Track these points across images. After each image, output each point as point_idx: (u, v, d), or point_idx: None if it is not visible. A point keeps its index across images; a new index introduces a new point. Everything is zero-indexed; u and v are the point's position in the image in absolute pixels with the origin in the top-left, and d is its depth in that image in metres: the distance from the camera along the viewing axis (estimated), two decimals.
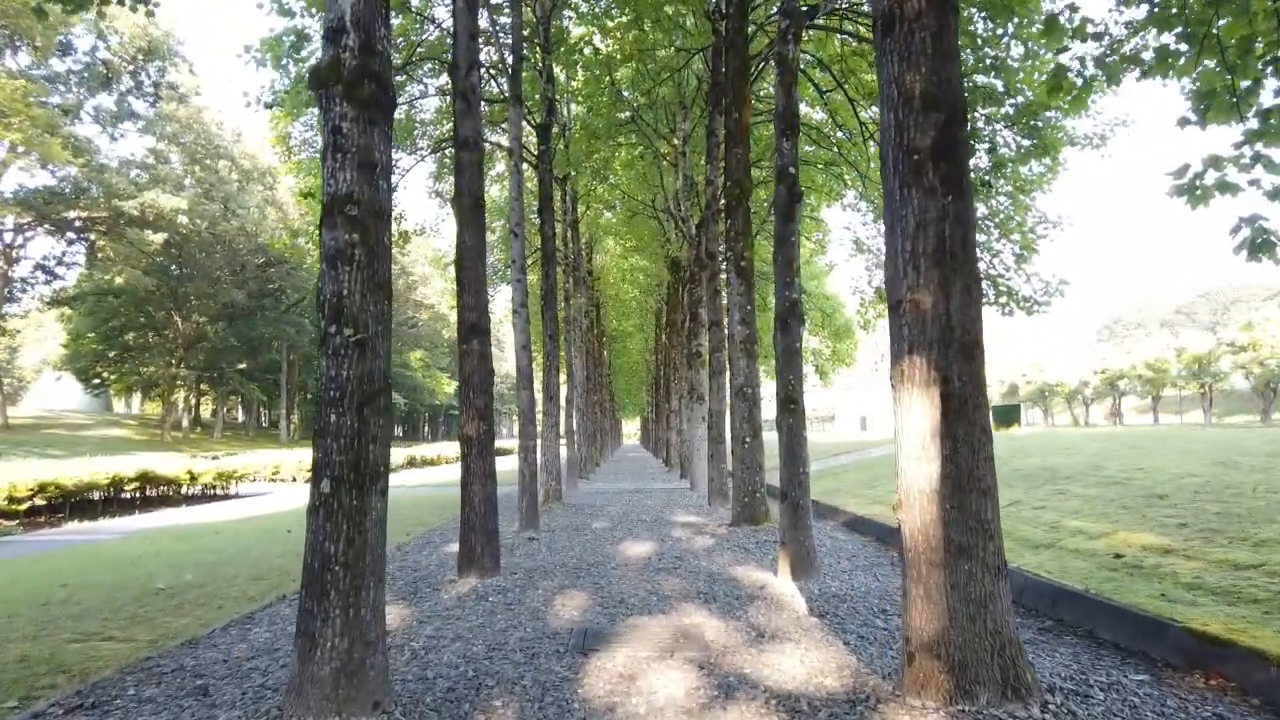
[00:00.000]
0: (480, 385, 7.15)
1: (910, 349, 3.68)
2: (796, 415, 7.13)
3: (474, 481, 7.09)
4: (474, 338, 7.17)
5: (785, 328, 7.18)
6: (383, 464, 3.71)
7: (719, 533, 10.12)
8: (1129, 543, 6.42)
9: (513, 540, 9.70)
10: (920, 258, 3.67)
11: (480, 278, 7.29)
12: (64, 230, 38.79)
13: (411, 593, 6.55)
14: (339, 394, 3.59)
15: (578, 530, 10.65)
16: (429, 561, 8.17)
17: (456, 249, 7.31)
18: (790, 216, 7.24)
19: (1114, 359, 53.50)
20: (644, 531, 10.46)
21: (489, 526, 7.08)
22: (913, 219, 3.70)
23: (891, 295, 3.82)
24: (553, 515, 12.46)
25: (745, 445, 10.35)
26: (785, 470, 7.10)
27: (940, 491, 3.58)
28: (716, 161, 13.87)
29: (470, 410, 7.12)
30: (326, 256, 3.67)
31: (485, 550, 7.02)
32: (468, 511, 7.07)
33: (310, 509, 3.60)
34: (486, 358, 7.23)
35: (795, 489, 7.01)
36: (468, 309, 7.19)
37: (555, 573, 7.43)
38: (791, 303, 7.19)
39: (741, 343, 10.46)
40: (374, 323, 3.69)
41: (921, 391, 3.63)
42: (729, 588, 6.71)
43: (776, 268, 7.29)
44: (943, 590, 3.56)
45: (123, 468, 14.01)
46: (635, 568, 7.74)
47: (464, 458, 7.17)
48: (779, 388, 7.21)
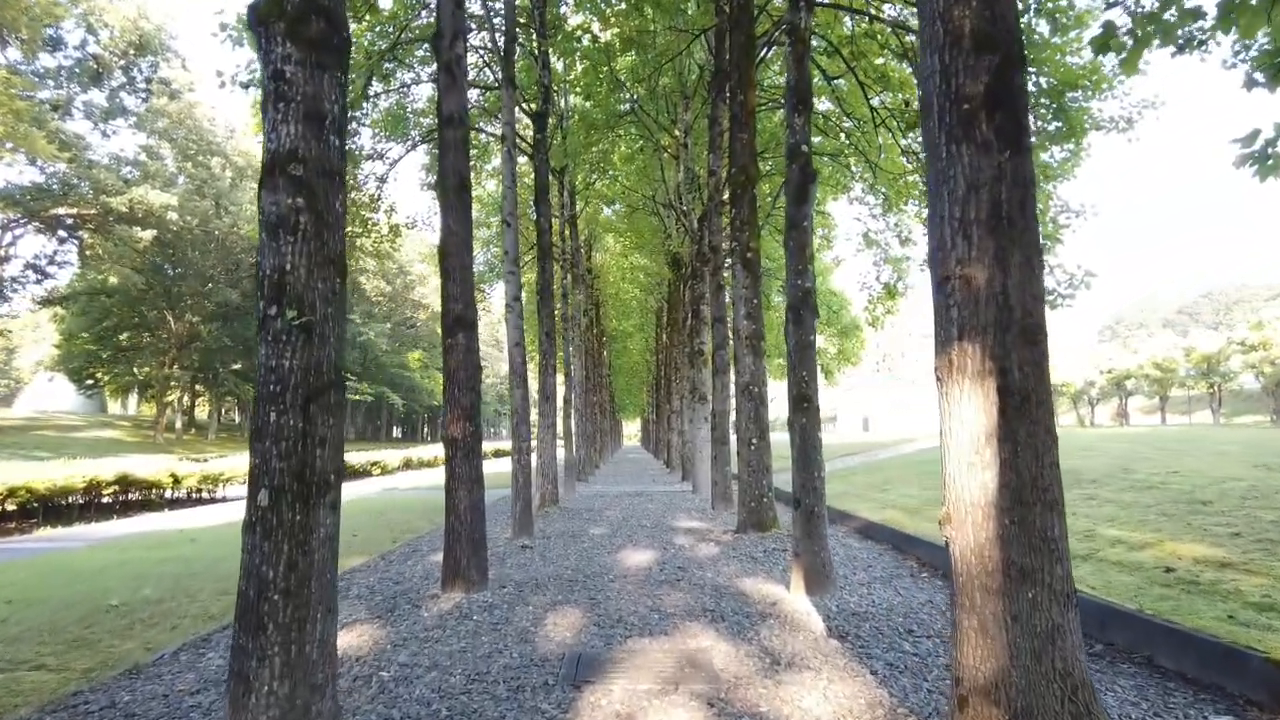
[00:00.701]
0: (466, 382, 6.57)
1: (960, 334, 3.09)
2: (810, 415, 6.54)
3: (459, 487, 6.51)
4: (459, 331, 6.59)
5: (798, 319, 6.60)
6: (333, 471, 3.13)
7: (724, 540, 9.54)
8: (1178, 554, 5.83)
9: (504, 548, 9.12)
10: (972, 225, 3.08)
11: (466, 266, 6.71)
12: (54, 229, 38.16)
13: (389, 610, 5.96)
14: (280, 388, 3.01)
15: (574, 537, 10.07)
16: (413, 573, 7.58)
17: (441, 235, 6.73)
18: (803, 198, 6.66)
19: (1120, 359, 52.91)
20: (644, 538, 9.88)
21: (475, 536, 6.49)
22: (962, 180, 3.12)
23: (937, 270, 3.23)
24: (549, 520, 11.87)
25: (752, 447, 9.76)
26: (798, 475, 6.51)
27: (998, 504, 2.99)
28: (719, 151, 13.30)
29: (455, 409, 6.53)
30: (266, 225, 3.09)
31: (472, 562, 6.43)
32: (452, 520, 6.49)
33: (245, 525, 3.02)
34: (473, 352, 6.65)
35: (809, 496, 6.43)
36: (453, 299, 6.61)
37: (548, 586, 6.85)
38: (804, 292, 6.61)
39: (747, 339, 9.88)
40: (323, 303, 3.11)
41: (975, 384, 3.04)
42: (738, 604, 6.12)
43: (788, 254, 6.71)
44: (1001, 622, 2.98)
45: (100, 471, 13.43)
46: (635, 580, 7.15)
47: (448, 461, 6.59)
48: (791, 385, 6.63)
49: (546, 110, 13.20)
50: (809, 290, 6.62)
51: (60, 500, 12.97)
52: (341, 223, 3.26)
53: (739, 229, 10.02)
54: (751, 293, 9.90)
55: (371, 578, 7.38)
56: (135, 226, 37.86)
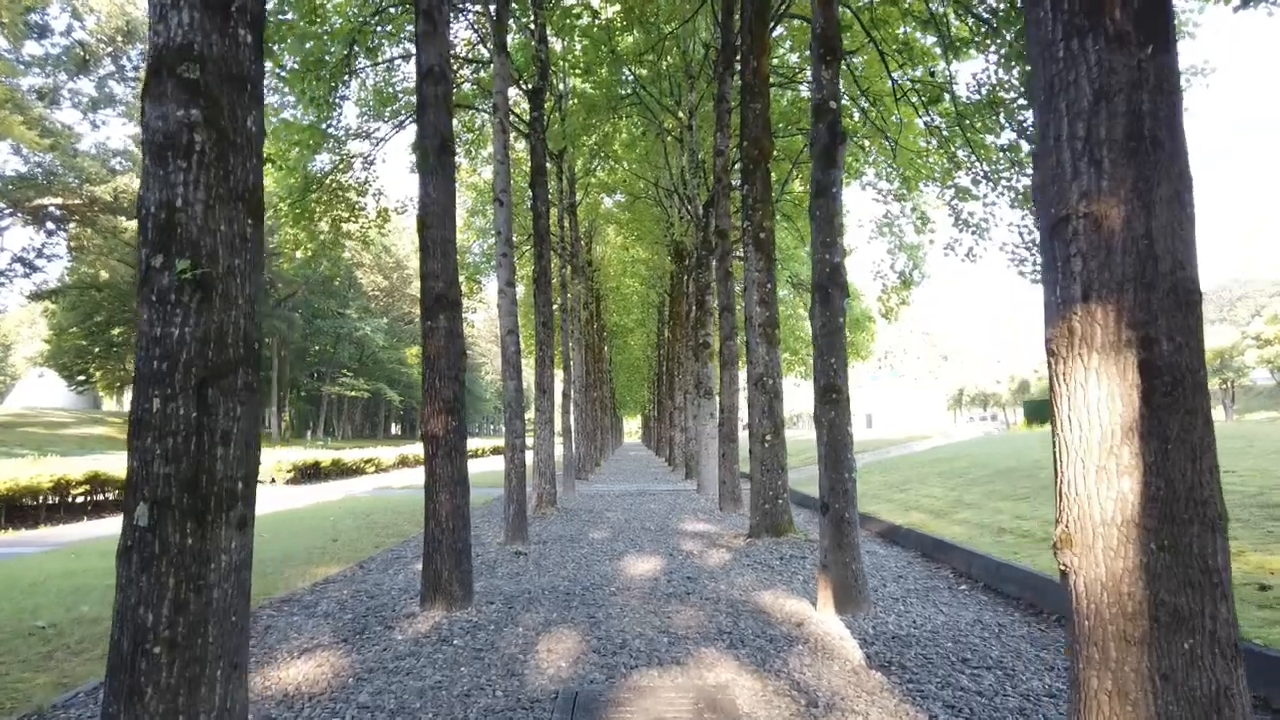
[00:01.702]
0: (448, 370, 5.77)
1: (1087, 292, 2.29)
2: (840, 408, 5.75)
3: (440, 490, 5.72)
4: (440, 312, 5.80)
5: (825, 299, 5.80)
6: (241, 479, 2.34)
7: (736, 545, 8.75)
8: (1269, 568, 5.04)
9: (496, 555, 8.34)
10: (1102, 146, 2.28)
11: (449, 239, 5.91)
12: (41, 220, 37.26)
13: (357, 632, 5.17)
14: (166, 365, 2.22)
15: (573, 541, 9.28)
16: (392, 585, 6.79)
17: (420, 204, 5.94)
18: (832, 161, 5.86)
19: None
20: (649, 543, 9.10)
21: (459, 545, 5.70)
22: (1088, 86, 2.32)
23: (1050, 209, 2.43)
24: (546, 523, 11.09)
25: (765, 444, 8.98)
26: (826, 475, 5.72)
27: (1141, 523, 2.20)
28: (728, 130, 12.51)
29: (436, 402, 5.74)
30: (151, 147, 2.29)
31: (454, 575, 5.64)
32: (432, 527, 5.70)
33: (119, 552, 2.23)
34: (456, 337, 5.85)
35: (839, 499, 5.63)
36: (433, 276, 5.82)
37: (542, 601, 6.06)
38: (833, 268, 5.81)
39: (760, 326, 9.09)
40: (227, 252, 2.32)
41: (1108, 361, 2.25)
42: (758, 624, 5.34)
43: (814, 225, 5.92)
44: (1147, 683, 2.18)
45: (69, 469, 12.63)
46: (640, 593, 6.37)
47: (428, 460, 5.79)
48: (818, 374, 5.83)
49: (543, 87, 12.41)
50: (838, 266, 5.83)
51: (25, 501, 12.19)
52: (256, 147, 2.47)
53: (751, 208, 9.23)
54: (765, 276, 9.11)
55: (345, 590, 6.59)
56: (120, 216, 36.89)
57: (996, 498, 9.66)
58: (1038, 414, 27.19)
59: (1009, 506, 8.90)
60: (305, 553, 8.63)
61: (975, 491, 10.44)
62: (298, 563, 7.97)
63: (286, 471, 22.27)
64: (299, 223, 12.59)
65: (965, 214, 10.55)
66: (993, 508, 9.10)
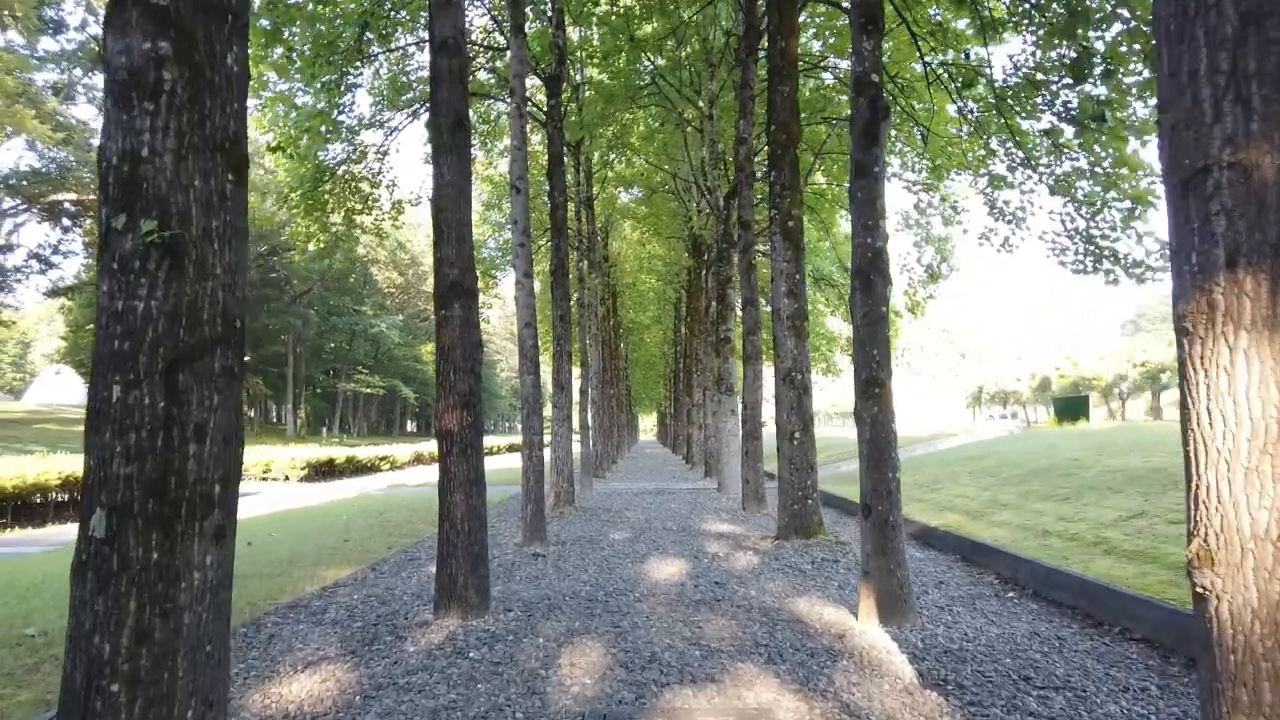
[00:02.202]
0: (463, 363, 5.42)
1: (1232, 259, 1.89)
2: (883, 403, 5.35)
3: (455, 489, 5.37)
4: (455, 300, 5.45)
5: (867, 286, 5.40)
6: (218, 481, 1.97)
7: (763, 547, 8.37)
8: None
9: (514, 557, 7.99)
10: (1251, 81, 1.88)
11: (465, 222, 5.56)
12: (56, 216, 37.24)
13: (367, 642, 4.82)
14: (129, 346, 1.87)
15: (592, 543, 8.93)
16: (404, 589, 6.45)
17: (434, 186, 5.59)
18: (874, 138, 5.46)
19: (1156, 350, 51.15)
20: (672, 545, 8.73)
21: (475, 549, 5.35)
22: (1232, 7, 1.92)
23: (1184, 159, 2.02)
24: (564, 523, 10.74)
25: (794, 441, 8.59)
26: (869, 476, 5.32)
27: None
28: (750, 117, 12.13)
29: (450, 395, 5.39)
30: (113, 87, 1.94)
31: (469, 581, 5.29)
32: (447, 529, 5.35)
33: (73, 569, 1.87)
34: (472, 327, 5.50)
35: (883, 501, 5.24)
36: (448, 263, 5.46)
37: (563, 607, 5.70)
38: (875, 253, 5.41)
39: (788, 319, 8.70)
40: (203, 212, 1.96)
41: (1260, 339, 1.85)
42: (796, 635, 4.96)
43: (854, 207, 5.52)
44: None
45: (78, 467, 12.38)
46: (666, 599, 6.00)
47: (442, 458, 5.44)
48: (859, 366, 5.44)
49: (561, 74, 12.04)
50: (880, 251, 5.42)
51: (34, 498, 11.95)
52: (238, 90, 2.11)
53: (779, 195, 8.83)
54: (794, 267, 8.71)
55: (355, 595, 6.26)
56: None
57: (1035, 498, 9.21)
58: (1068, 411, 26.54)
59: (1050, 508, 8.46)
60: (315, 553, 8.31)
61: (1010, 491, 10.00)
62: (307, 564, 7.65)
63: (300, 469, 22.05)
64: (311, 214, 12.29)
65: (1000, 202, 10.09)
66: (1032, 509, 8.66)
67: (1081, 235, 8.87)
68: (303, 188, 11.65)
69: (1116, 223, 8.55)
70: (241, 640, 4.92)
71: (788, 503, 8.58)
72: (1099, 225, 8.67)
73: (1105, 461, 10.29)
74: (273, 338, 55.25)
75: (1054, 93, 8.33)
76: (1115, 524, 7.09)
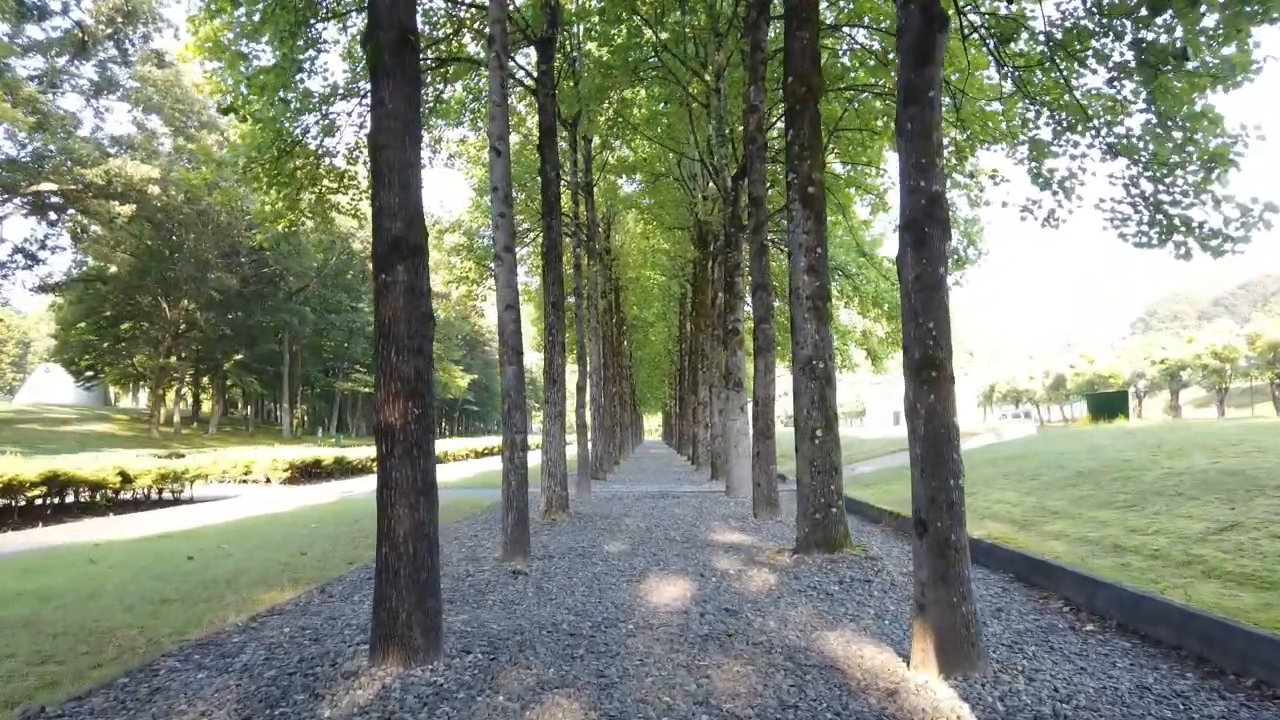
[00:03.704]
0: (409, 340, 4.29)
1: None
2: (941, 390, 4.19)
3: (397, 501, 4.24)
4: (399, 261, 4.31)
5: (921, 242, 4.26)
6: None
7: (781, 562, 7.22)
8: None
9: (489, 576, 6.86)
10: None
11: (410, 163, 4.43)
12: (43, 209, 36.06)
13: (270, 703, 3.68)
14: None
15: (584, 556, 7.79)
16: (347, 621, 5.31)
17: (373, 118, 4.46)
18: (927, 56, 4.31)
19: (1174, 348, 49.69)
20: (675, 559, 7.58)
21: (421, 576, 4.22)
22: None
23: None
24: (555, 533, 9.61)
25: (816, 440, 7.43)
26: (924, 484, 4.17)
27: None
28: (762, 83, 10.99)
29: (392, 382, 4.26)
30: None
31: (414, 617, 4.16)
32: (386, 552, 4.22)
33: None
34: (420, 295, 4.37)
35: (942, 515, 4.08)
36: (389, 213, 4.33)
37: (537, 646, 4.56)
38: (931, 199, 4.26)
39: (809, 299, 7.55)
40: None
41: None
42: (834, 689, 3.82)
43: (905, 143, 4.37)
44: None
45: (22, 469, 11.26)
46: (666, 634, 4.86)
47: (380, 461, 4.32)
48: (910, 344, 4.29)
49: (554, 35, 10.92)
50: (937, 196, 4.27)
51: None
52: None
53: (797, 157, 7.68)
54: (815, 239, 7.56)
55: (288, 628, 5.12)
56: (114, 201, 35.53)
57: (1091, 505, 8.05)
58: (1104, 408, 25.10)
59: (1114, 517, 7.29)
60: (261, 570, 7.19)
61: (1059, 497, 8.83)
62: (246, 584, 6.53)
63: (283, 470, 20.87)
64: (278, 189, 11.12)
65: (1045, 170, 8.90)
66: (1091, 518, 7.50)
67: (1148, 202, 7.67)
68: (264, 157, 10.49)
69: (1189, 186, 7.36)
70: (114, 697, 3.79)
71: (808, 511, 7.42)
72: (1169, 190, 7.48)
73: (1164, 463, 9.11)
74: (268, 335, 53.99)
75: (1119, 33, 7.15)
76: (1205, 538, 5.93)
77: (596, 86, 13.51)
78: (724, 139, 14.41)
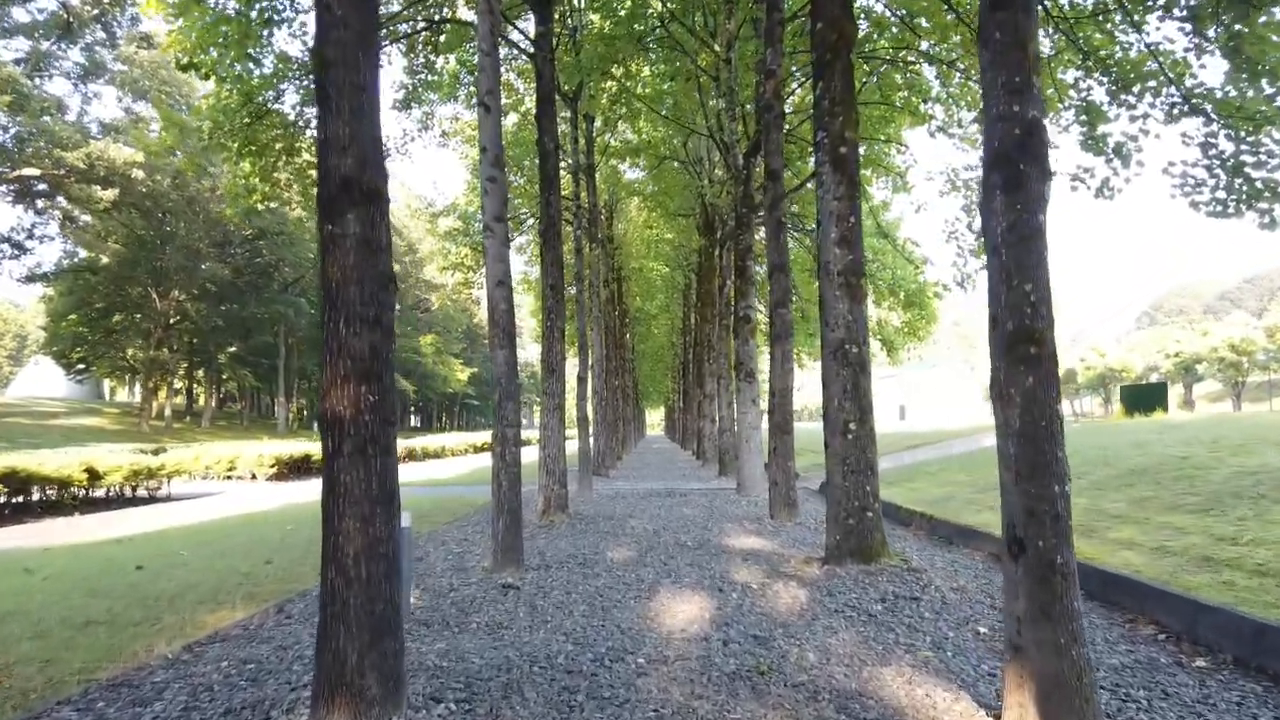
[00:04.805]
0: (361, 308, 3.39)
1: None
2: (1042, 369, 3.28)
3: (347, 513, 3.33)
4: (350, 208, 3.41)
5: (1013, 182, 3.34)
6: None
7: (809, 574, 6.32)
8: None
9: (475, 591, 5.97)
10: None
11: (365, 86, 3.52)
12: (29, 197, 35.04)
13: None
14: None
15: (585, 566, 6.89)
16: (298, 654, 4.40)
17: (317, 28, 3.54)
18: None
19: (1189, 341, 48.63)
20: (688, 569, 6.68)
21: (377, 609, 3.32)
22: None
23: None
24: (553, 536, 8.71)
25: (849, 435, 6.53)
26: (1018, 490, 3.26)
27: None
28: (779, 45, 10.08)
29: (340, 360, 3.35)
30: None
31: (367, 660, 3.26)
32: (332, 578, 3.31)
33: None
34: (376, 250, 3.46)
35: (1045, 530, 3.18)
36: (337, 147, 3.43)
37: (524, 692, 3.67)
38: (1027, 127, 3.35)
39: (840, 274, 6.64)
40: None
41: None
42: None
43: (988, 60, 3.46)
44: None
45: None
46: (683, 673, 3.97)
47: (327, 461, 3.40)
48: (1001, 310, 3.38)
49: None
50: (1034, 125, 3.35)
51: None
52: None
53: (827, 113, 6.76)
54: (847, 206, 6.65)
55: (220, 664, 4.23)
56: (96, 186, 34.48)
57: (1156, 508, 7.14)
58: (1141, 402, 24.09)
59: (1191, 523, 6.39)
60: (216, 583, 6.30)
61: (1115, 499, 7.93)
62: (193, 601, 5.64)
63: (269, 466, 19.95)
64: (251, 161, 10.15)
65: (1100, 132, 7.99)
66: (1162, 523, 6.59)
67: (1226, 164, 6.75)
68: (232, 123, 9.55)
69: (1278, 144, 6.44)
70: None
71: (840, 515, 6.52)
72: (1255, 150, 6.55)
73: (1231, 460, 8.21)
74: (263, 327, 52.88)
75: None
76: None
77: (599, 56, 12.57)
78: (735, 113, 13.50)
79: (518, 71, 16.83)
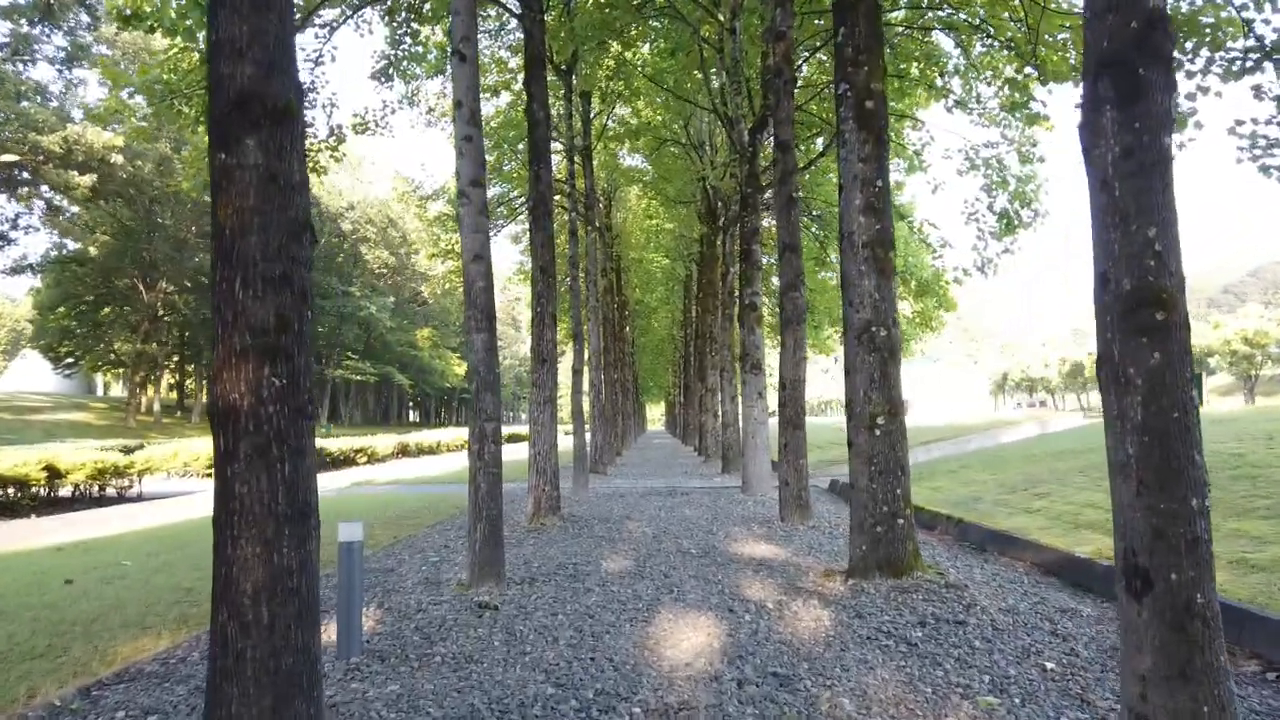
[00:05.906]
0: (265, 263, 2.57)
1: None
2: (1170, 344, 2.45)
3: (242, 535, 2.52)
4: (248, 130, 2.60)
5: (1132, 92, 2.52)
6: None
7: (833, 590, 5.50)
8: None
9: (447, 611, 5.14)
10: None
11: None
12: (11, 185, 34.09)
13: None
14: None
15: (575, 579, 6.07)
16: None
17: None
18: None
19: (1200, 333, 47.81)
20: (692, 584, 5.86)
21: (285, 663, 2.51)
22: None
23: None
24: (541, 542, 7.90)
25: (877, 431, 5.70)
26: (1140, 503, 2.44)
27: None
28: (789, 5, 9.23)
29: (236, 334, 2.54)
30: None
31: None
32: (224, 620, 2.51)
33: None
34: (286, 190, 2.64)
35: (1179, 559, 2.37)
36: (232, 52, 2.61)
37: None
38: (1148, 19, 2.52)
39: (866, 246, 5.82)
40: None
41: None
42: None
43: None
44: None
45: None
46: None
47: (218, 464, 2.59)
48: (1113, 264, 2.55)
49: None
50: (1156, 15, 2.52)
51: None
52: None
53: (851, 62, 5.93)
54: (874, 169, 5.82)
55: (136, 707, 3.41)
56: (73, 171, 33.56)
57: (1224, 513, 6.32)
58: None
59: (1269, 530, 5.58)
60: (149, 601, 5.48)
61: None
62: (115, 626, 4.82)
63: None
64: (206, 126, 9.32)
65: None
66: (1235, 531, 5.78)
67: None
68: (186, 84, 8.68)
69: None
70: None
71: (866, 522, 5.69)
72: None
73: None
74: None
75: None
76: None
77: (595, 24, 11.71)
78: (739, 87, 12.65)
79: (511, 49, 16.00)
